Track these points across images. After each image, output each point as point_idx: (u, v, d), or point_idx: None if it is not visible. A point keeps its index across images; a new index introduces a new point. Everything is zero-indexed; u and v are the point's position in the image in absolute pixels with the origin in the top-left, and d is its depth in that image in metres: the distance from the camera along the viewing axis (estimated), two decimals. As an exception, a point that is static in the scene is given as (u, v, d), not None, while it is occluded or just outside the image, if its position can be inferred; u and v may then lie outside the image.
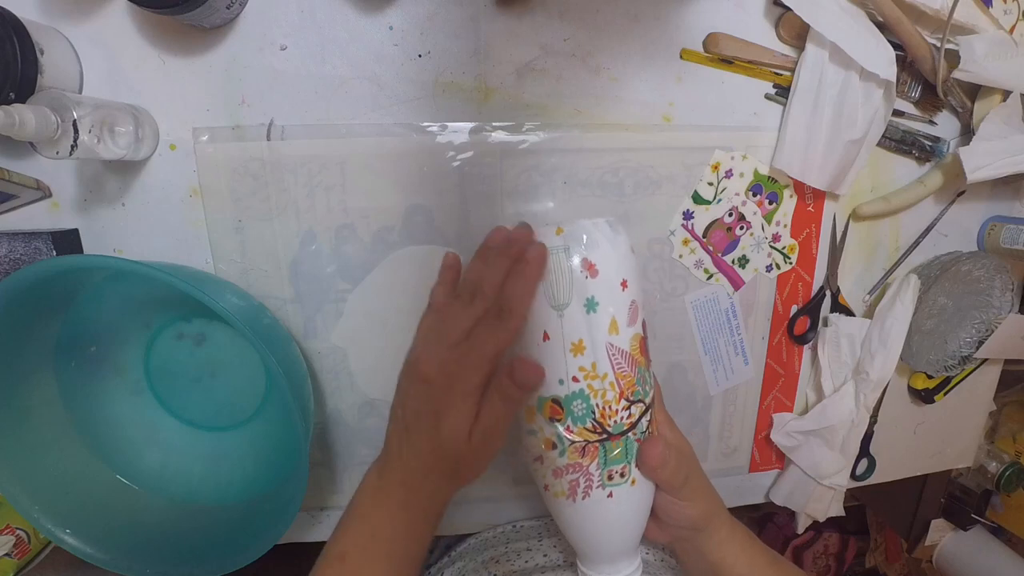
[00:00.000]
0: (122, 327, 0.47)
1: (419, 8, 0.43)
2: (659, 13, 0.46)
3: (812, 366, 0.58)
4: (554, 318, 0.34)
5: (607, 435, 0.34)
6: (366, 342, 0.49)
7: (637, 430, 0.35)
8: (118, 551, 0.44)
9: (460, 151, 0.46)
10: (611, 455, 0.35)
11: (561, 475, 0.35)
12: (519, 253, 0.34)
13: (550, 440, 0.35)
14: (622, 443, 0.35)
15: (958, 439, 0.68)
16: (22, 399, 0.42)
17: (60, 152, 0.35)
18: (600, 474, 0.35)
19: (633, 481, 0.36)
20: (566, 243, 0.34)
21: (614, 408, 0.34)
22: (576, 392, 0.34)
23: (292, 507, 0.41)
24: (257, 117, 0.44)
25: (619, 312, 0.34)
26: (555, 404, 0.35)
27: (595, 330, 0.34)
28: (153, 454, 0.49)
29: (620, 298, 0.34)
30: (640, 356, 0.36)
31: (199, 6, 0.36)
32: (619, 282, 0.34)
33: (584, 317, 0.34)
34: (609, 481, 0.35)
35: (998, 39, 0.49)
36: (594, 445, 0.34)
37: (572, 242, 0.34)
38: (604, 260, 0.34)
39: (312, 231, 0.46)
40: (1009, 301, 0.57)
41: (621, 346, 0.34)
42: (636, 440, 0.36)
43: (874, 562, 1.14)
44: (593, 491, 0.35)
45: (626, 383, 0.35)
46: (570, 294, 0.34)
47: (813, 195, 0.52)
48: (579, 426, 0.34)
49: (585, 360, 0.34)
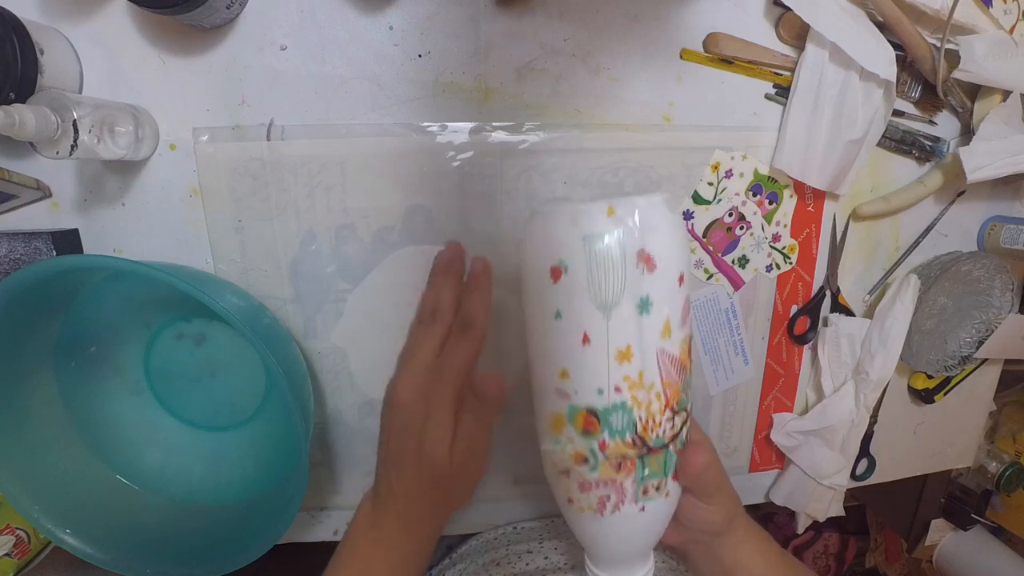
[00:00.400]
0: (122, 327, 0.47)
1: (419, 8, 0.43)
2: (659, 13, 0.46)
3: (812, 366, 0.58)
4: (598, 319, 0.29)
5: (647, 449, 0.30)
6: (366, 342, 0.49)
7: (678, 441, 0.32)
8: (118, 551, 0.44)
9: (460, 151, 0.46)
10: (649, 470, 0.31)
11: (589, 489, 0.31)
12: (461, 267, 0.36)
13: (581, 454, 0.31)
14: (662, 456, 0.31)
15: (958, 439, 0.68)
16: (22, 399, 0.42)
17: (60, 152, 0.35)
18: (635, 490, 0.31)
19: (667, 494, 0.32)
20: (619, 226, 0.28)
21: (658, 420, 0.30)
22: (617, 404, 0.29)
23: (292, 507, 0.41)
24: (257, 117, 0.44)
25: (674, 312, 0.29)
26: (591, 415, 0.30)
27: (647, 335, 0.29)
28: (153, 454, 0.49)
29: (677, 296, 0.29)
30: (687, 360, 0.31)
31: (199, 6, 0.36)
32: (677, 276, 0.29)
33: (636, 320, 0.28)
34: (643, 496, 0.31)
35: (998, 39, 0.49)
36: (632, 460, 0.30)
37: (627, 226, 0.28)
38: (663, 250, 0.28)
39: (312, 231, 0.46)
40: (1009, 301, 0.57)
41: (672, 351, 0.30)
42: (676, 451, 0.32)
43: (874, 562, 1.14)
44: (624, 506, 0.31)
45: (672, 392, 0.30)
46: (622, 292, 0.28)
47: (813, 195, 0.52)
48: (616, 440, 0.30)
49: (632, 369, 0.29)
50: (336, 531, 0.55)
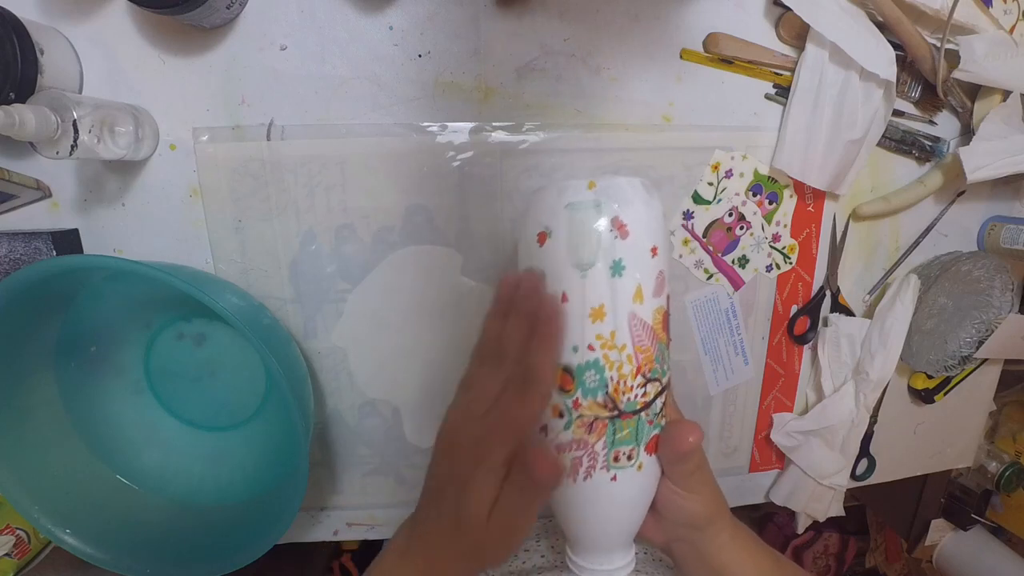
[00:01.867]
0: (122, 327, 0.47)
1: (419, 8, 0.43)
2: (659, 13, 0.46)
3: (812, 366, 0.58)
4: (576, 279, 0.31)
5: (618, 412, 0.32)
6: (366, 342, 0.49)
7: (651, 411, 0.33)
8: (118, 551, 0.44)
9: (460, 151, 0.46)
10: (620, 435, 0.32)
11: (564, 451, 0.33)
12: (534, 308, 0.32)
13: (557, 408, 0.33)
14: (633, 423, 0.32)
15: (958, 439, 0.68)
16: (22, 399, 0.42)
17: (60, 152, 0.35)
18: (606, 454, 0.32)
19: (640, 466, 0.33)
20: (597, 199, 0.31)
21: (629, 384, 0.32)
22: (591, 362, 0.31)
23: (292, 507, 0.41)
24: (257, 117, 0.44)
25: (646, 280, 0.31)
26: (566, 373, 0.32)
27: (619, 296, 0.31)
28: (153, 454, 0.49)
29: (649, 265, 0.32)
30: (662, 332, 0.33)
31: (199, 6, 0.36)
32: (650, 247, 0.32)
33: (608, 281, 0.31)
34: (615, 463, 0.32)
35: (998, 39, 0.49)
36: (603, 422, 0.32)
37: (604, 198, 0.31)
38: (636, 221, 0.31)
39: (312, 231, 0.46)
40: (1009, 301, 0.57)
41: (644, 317, 0.32)
42: (648, 422, 0.33)
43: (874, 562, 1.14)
44: (596, 472, 0.32)
45: (644, 358, 0.32)
46: (596, 254, 0.31)
47: (813, 195, 0.52)
48: (589, 399, 0.32)
49: (604, 328, 0.31)
50: (336, 531, 0.55)
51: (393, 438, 0.52)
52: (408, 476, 0.54)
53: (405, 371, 0.50)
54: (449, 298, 0.49)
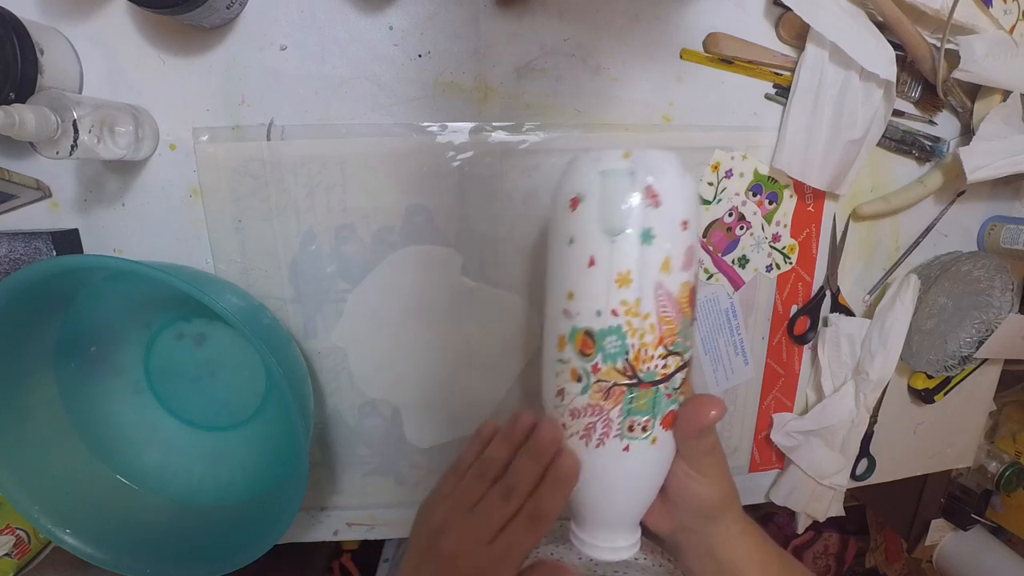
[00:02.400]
0: (122, 327, 0.47)
1: (419, 8, 0.43)
2: (659, 13, 0.46)
3: (812, 366, 0.58)
4: (604, 243, 0.31)
5: (637, 380, 0.31)
6: (366, 342, 0.49)
7: (670, 385, 0.32)
8: (118, 551, 0.44)
9: (460, 151, 0.46)
10: (636, 404, 0.32)
11: (579, 416, 0.33)
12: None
13: (576, 372, 0.33)
14: (651, 394, 0.32)
15: (958, 439, 0.68)
16: (22, 399, 0.42)
17: (60, 152, 0.35)
18: (620, 423, 0.32)
19: (654, 440, 0.32)
20: (632, 167, 0.31)
21: (650, 353, 0.31)
22: (613, 327, 0.31)
23: (292, 507, 0.41)
24: (257, 117, 0.44)
25: (675, 252, 0.31)
26: (587, 337, 0.32)
27: (646, 264, 0.31)
28: (153, 454, 0.49)
29: (679, 237, 0.31)
30: (687, 307, 0.32)
31: (199, 6, 0.36)
32: (681, 220, 0.31)
33: (637, 248, 0.31)
34: (629, 433, 0.32)
35: (998, 39, 0.49)
36: (620, 388, 0.31)
37: (639, 167, 0.31)
38: (670, 193, 0.31)
39: (312, 231, 0.46)
40: (1009, 301, 0.57)
41: (670, 289, 0.31)
42: (667, 395, 0.32)
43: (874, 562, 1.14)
44: (609, 440, 0.32)
45: (668, 330, 0.31)
46: (627, 220, 0.31)
47: (813, 195, 0.52)
48: (609, 364, 0.31)
49: (629, 294, 0.31)
50: (336, 531, 0.55)
51: (393, 438, 0.52)
52: (408, 476, 0.54)
53: (405, 371, 0.50)
54: (449, 298, 0.49)
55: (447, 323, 0.49)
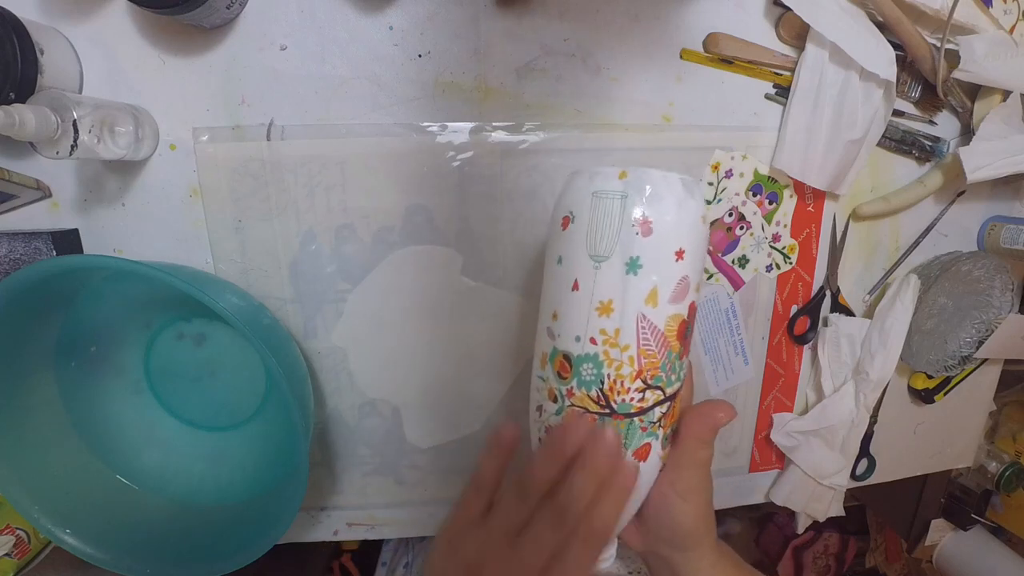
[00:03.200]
0: (122, 327, 0.47)
1: (419, 8, 0.43)
2: (659, 13, 0.46)
3: (812, 366, 0.58)
4: (588, 268, 0.30)
5: (610, 411, 0.31)
6: (366, 342, 0.49)
7: (646, 419, 0.31)
8: (118, 551, 0.44)
9: (460, 151, 0.46)
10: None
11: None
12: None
13: (553, 392, 0.32)
14: (624, 426, 0.31)
15: (958, 439, 0.68)
16: (22, 399, 0.42)
17: (60, 152, 0.35)
18: None
19: None
20: (626, 190, 0.30)
21: (626, 386, 0.30)
22: (589, 355, 0.31)
23: (292, 507, 0.41)
24: (257, 117, 0.44)
25: (664, 283, 0.30)
26: (565, 360, 0.31)
27: (630, 295, 0.30)
28: (153, 454, 0.49)
29: (670, 269, 0.30)
30: (674, 340, 0.31)
31: (199, 6, 0.36)
32: (674, 250, 0.30)
33: (621, 277, 0.30)
34: None
35: (998, 39, 0.49)
36: (592, 416, 0.31)
37: (633, 190, 0.30)
38: (663, 220, 0.30)
39: (312, 231, 0.46)
40: (1009, 301, 0.57)
41: (655, 321, 0.30)
42: (641, 428, 0.31)
43: (874, 562, 1.14)
44: None
45: (648, 363, 0.30)
46: (613, 247, 0.30)
47: (813, 195, 0.52)
48: (583, 391, 0.31)
49: (609, 324, 0.30)
50: (336, 531, 0.55)
51: (393, 438, 0.52)
52: (408, 476, 0.54)
53: (405, 371, 0.50)
54: (449, 298, 0.49)
55: (447, 323, 0.49)
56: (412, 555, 0.64)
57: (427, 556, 0.32)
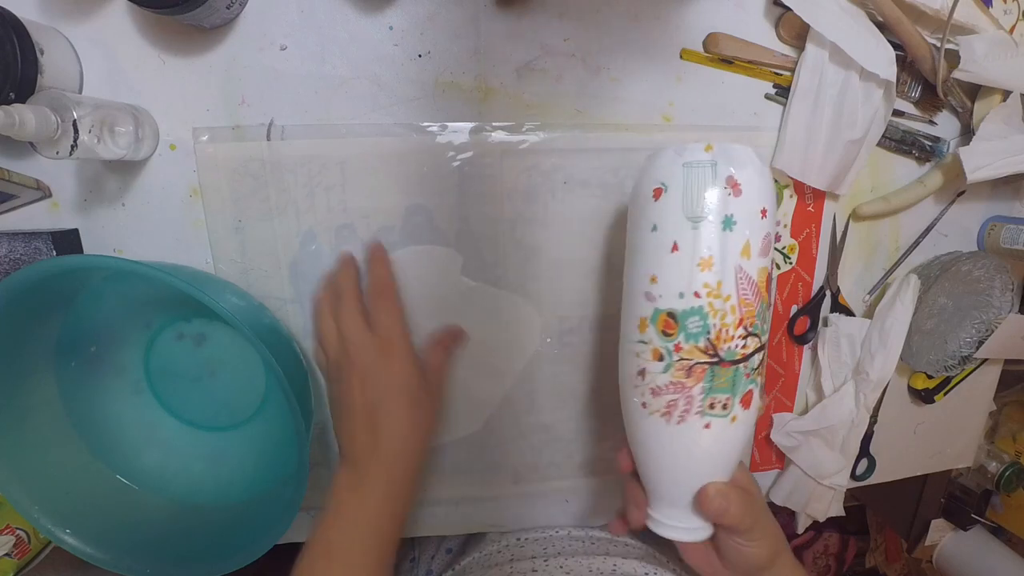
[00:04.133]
0: (122, 327, 0.47)
1: (419, 8, 0.43)
2: (659, 13, 0.46)
3: (812, 366, 0.58)
4: (687, 229, 0.33)
5: (718, 359, 0.33)
6: (366, 342, 0.49)
7: (749, 365, 0.34)
8: (118, 551, 0.44)
9: (460, 151, 0.46)
10: (717, 382, 0.33)
11: (660, 394, 0.34)
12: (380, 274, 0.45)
13: (658, 351, 0.34)
14: (731, 372, 0.33)
15: (958, 439, 0.68)
16: (22, 399, 0.42)
17: (60, 152, 0.35)
18: (702, 400, 0.33)
19: (734, 418, 0.34)
20: (714, 158, 0.33)
21: (731, 333, 0.33)
22: (695, 308, 0.33)
23: (292, 507, 0.41)
24: (257, 117, 0.44)
25: (755, 238, 0.33)
26: (670, 318, 0.34)
27: (728, 248, 0.33)
28: (153, 454, 0.49)
29: (758, 224, 0.33)
30: (765, 292, 0.34)
31: (199, 6, 0.36)
32: (760, 208, 0.33)
33: (719, 233, 0.33)
34: (710, 410, 0.33)
35: (998, 39, 0.49)
36: (702, 367, 0.33)
37: (720, 158, 0.33)
38: (750, 183, 0.33)
39: (312, 231, 0.46)
40: (1009, 301, 0.57)
41: (750, 272, 0.33)
42: (745, 375, 0.34)
43: (874, 562, 1.14)
44: (691, 416, 0.33)
45: (747, 311, 0.33)
46: (709, 208, 0.33)
47: (813, 195, 0.52)
48: (691, 344, 0.33)
49: (711, 277, 0.33)
50: (336, 531, 0.55)
51: (393, 438, 0.52)
52: (408, 476, 0.54)
53: (405, 371, 0.50)
54: (449, 298, 0.49)
55: (447, 323, 0.49)
56: (417, 551, 0.64)
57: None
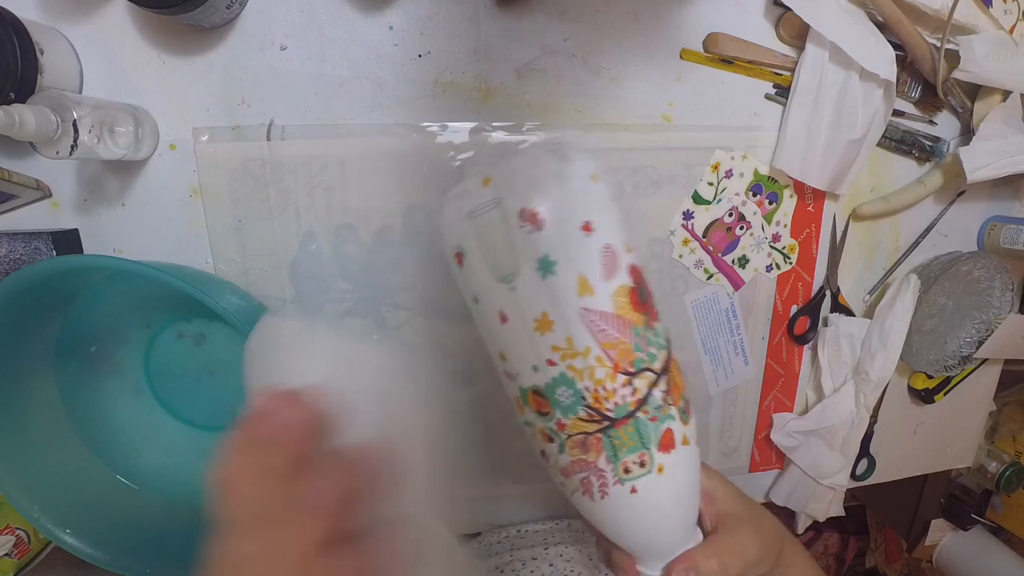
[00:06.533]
0: (122, 327, 0.47)
1: (419, 8, 0.43)
2: (659, 13, 0.46)
3: (812, 366, 0.58)
4: (505, 293, 0.27)
5: (609, 421, 0.27)
6: (366, 342, 0.49)
7: (649, 406, 0.28)
8: (118, 551, 0.44)
9: (460, 151, 0.46)
10: (621, 444, 0.28)
11: (570, 474, 0.29)
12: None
13: (545, 433, 0.29)
14: (632, 427, 0.28)
15: (958, 439, 0.68)
16: (22, 399, 0.42)
17: (60, 152, 0.35)
18: (613, 469, 0.28)
19: (660, 468, 0.28)
20: (497, 194, 0.27)
21: (610, 387, 0.27)
22: (556, 378, 0.27)
23: (292, 507, 0.41)
24: (257, 117, 0.43)
25: (587, 266, 0.27)
26: (537, 395, 0.28)
27: (559, 297, 0.27)
28: (153, 454, 0.49)
29: (584, 247, 0.27)
30: (632, 313, 0.28)
31: (199, 6, 0.36)
32: (578, 226, 0.27)
33: (541, 284, 0.27)
34: (626, 475, 0.28)
35: (998, 39, 0.49)
36: (595, 437, 0.28)
37: (503, 191, 0.27)
38: (551, 203, 0.26)
39: (312, 231, 0.46)
40: (1009, 301, 0.57)
41: (600, 308, 0.27)
42: (651, 420, 0.28)
43: (874, 562, 1.14)
44: (611, 489, 0.28)
45: (619, 353, 0.27)
46: (516, 258, 0.27)
47: (813, 195, 0.52)
48: (571, 417, 0.28)
49: (556, 337, 0.27)
50: (336, 531, 0.55)
51: (393, 438, 0.52)
52: (408, 476, 0.54)
53: (405, 371, 0.50)
54: (449, 298, 0.49)
55: (447, 323, 0.49)
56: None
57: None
